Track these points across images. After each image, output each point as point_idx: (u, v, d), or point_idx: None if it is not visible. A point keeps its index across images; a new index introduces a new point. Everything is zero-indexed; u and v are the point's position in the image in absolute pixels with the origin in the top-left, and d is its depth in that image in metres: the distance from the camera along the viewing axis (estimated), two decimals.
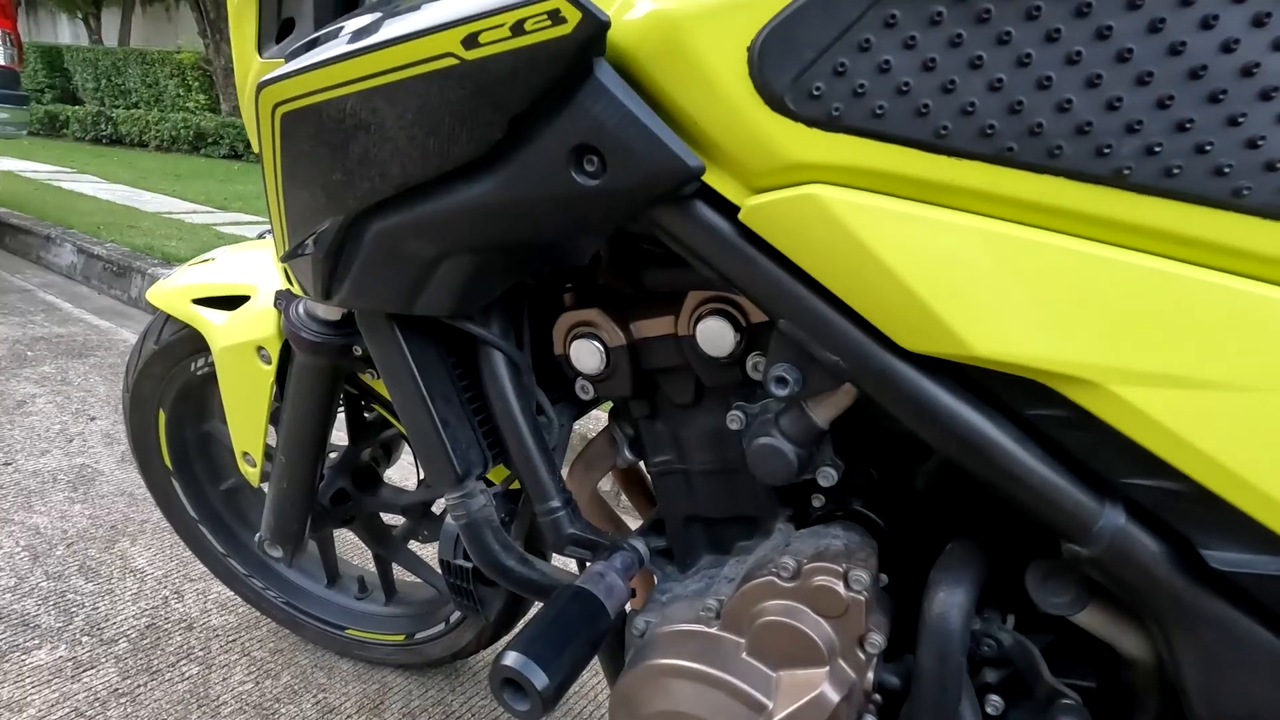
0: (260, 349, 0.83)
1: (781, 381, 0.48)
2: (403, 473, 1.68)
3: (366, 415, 1.04)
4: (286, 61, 0.52)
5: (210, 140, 7.87)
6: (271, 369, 0.84)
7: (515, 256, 0.54)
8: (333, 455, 1.06)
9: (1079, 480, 0.43)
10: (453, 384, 0.67)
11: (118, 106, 9.33)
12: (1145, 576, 0.42)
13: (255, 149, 0.59)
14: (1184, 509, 0.40)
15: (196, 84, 9.10)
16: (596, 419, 1.76)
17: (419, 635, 1.12)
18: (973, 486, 0.59)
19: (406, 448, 1.11)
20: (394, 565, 1.15)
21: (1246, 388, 0.36)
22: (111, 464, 1.73)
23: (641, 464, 0.72)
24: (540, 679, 0.54)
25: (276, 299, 0.79)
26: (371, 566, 1.18)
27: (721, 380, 0.58)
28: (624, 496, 1.46)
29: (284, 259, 0.63)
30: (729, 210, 0.44)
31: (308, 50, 0.55)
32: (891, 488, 0.62)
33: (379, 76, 0.45)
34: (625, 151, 0.42)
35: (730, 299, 0.55)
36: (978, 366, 0.42)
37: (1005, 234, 0.38)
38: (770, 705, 0.53)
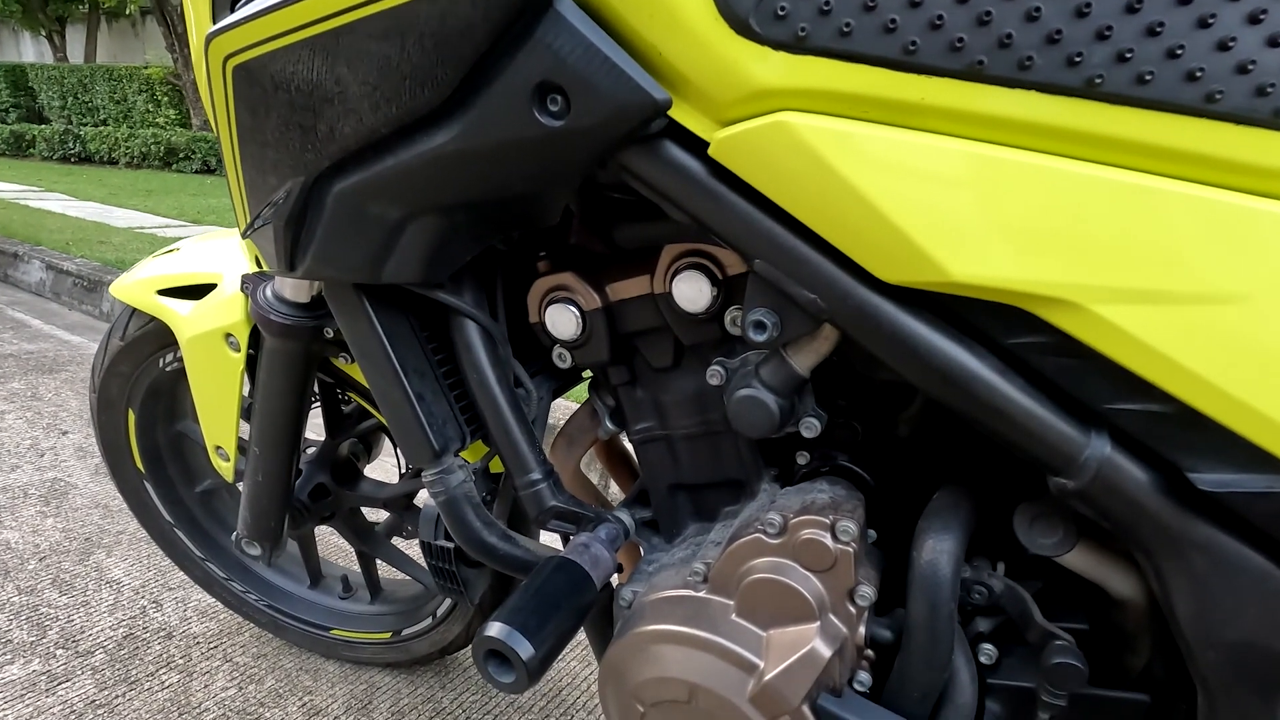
0: (228, 336, 0.81)
1: (760, 326, 0.46)
2: (387, 474, 1.65)
3: (344, 407, 1.02)
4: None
5: (182, 155, 7.76)
6: (241, 356, 0.81)
7: (483, 216, 0.53)
8: (310, 450, 1.03)
9: (1063, 411, 0.42)
10: (426, 357, 0.65)
11: (85, 124, 9.18)
12: (1133, 507, 0.42)
13: (210, 115, 0.58)
14: (1170, 432, 0.40)
15: (166, 99, 8.97)
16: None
17: (406, 632, 1.09)
18: (957, 431, 0.59)
19: (388, 442, 1.09)
20: (378, 562, 1.12)
21: (1228, 299, 0.36)
22: (85, 477, 1.68)
23: (624, 437, 0.71)
24: (525, 649, 0.52)
25: (243, 282, 0.77)
26: (355, 566, 1.16)
27: (700, 338, 0.57)
28: (613, 485, 1.45)
29: (246, 233, 0.61)
30: (698, 148, 0.43)
31: None
32: (876, 440, 0.61)
33: (333, 19, 0.43)
34: (589, 87, 0.40)
35: (706, 251, 0.54)
36: (956, 296, 0.41)
37: (979, 154, 0.37)
38: (761, 664, 0.52)
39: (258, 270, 0.79)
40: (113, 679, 1.11)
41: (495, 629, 0.53)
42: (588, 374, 0.71)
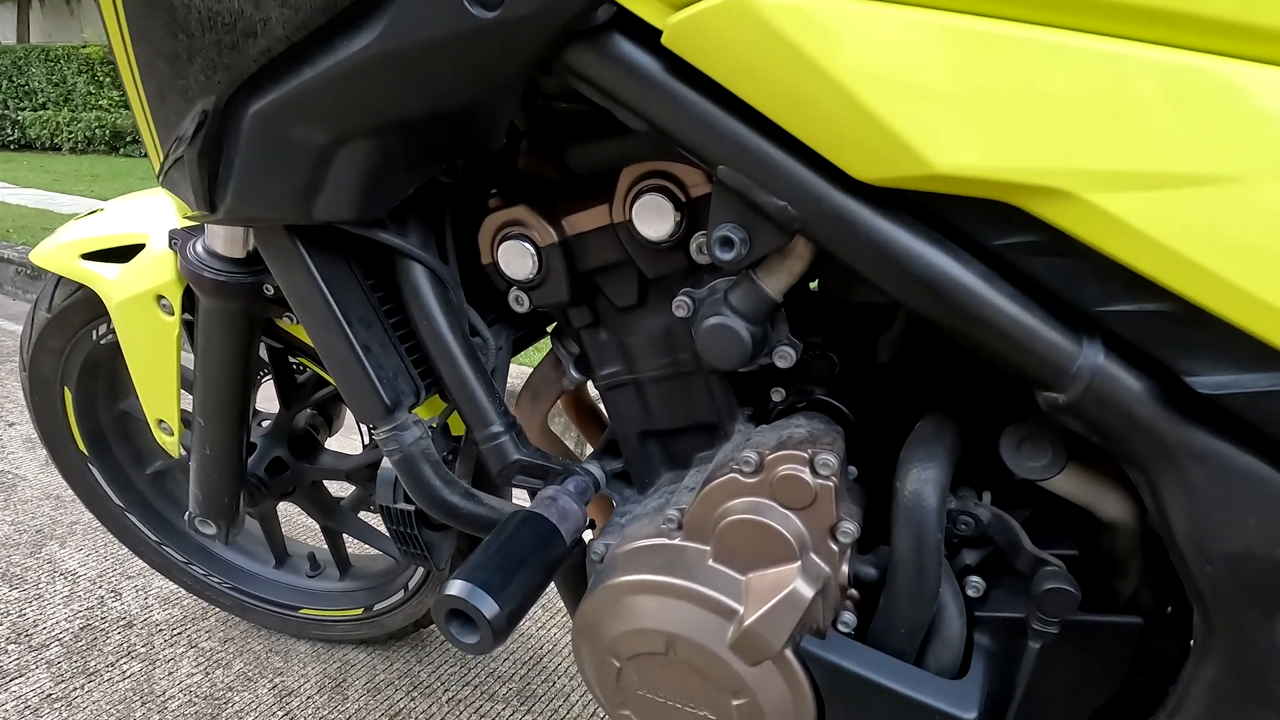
0: (160, 298, 0.75)
1: (726, 243, 0.43)
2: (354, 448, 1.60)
3: (298, 376, 0.96)
4: None
5: (129, 139, 7.42)
6: (175, 320, 0.75)
7: (419, 139, 0.48)
8: (265, 423, 0.98)
9: (1053, 318, 0.39)
10: (372, 306, 0.61)
11: (23, 109, 8.72)
12: (1126, 418, 0.39)
13: (108, 44, 0.51)
14: (1167, 332, 0.37)
15: (109, 79, 8.54)
16: None
17: (378, 607, 1.05)
18: (939, 354, 0.56)
19: (350, 414, 1.04)
20: (346, 537, 1.08)
21: (1232, 179, 0.33)
22: (34, 469, 1.60)
23: (592, 388, 0.67)
24: (489, 607, 0.49)
25: (171, 238, 0.71)
26: (323, 543, 1.11)
27: (665, 269, 0.53)
28: (589, 449, 1.41)
29: (160, 176, 0.55)
30: (651, 40, 0.38)
31: None
32: (855, 372, 0.58)
33: None
34: None
35: (667, 172, 0.50)
36: (938, 196, 0.37)
37: (959, 27, 0.34)
38: (741, 609, 0.49)
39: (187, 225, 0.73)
40: (70, 671, 1.05)
41: (456, 587, 0.49)
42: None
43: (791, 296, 0.50)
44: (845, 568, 0.50)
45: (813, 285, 0.62)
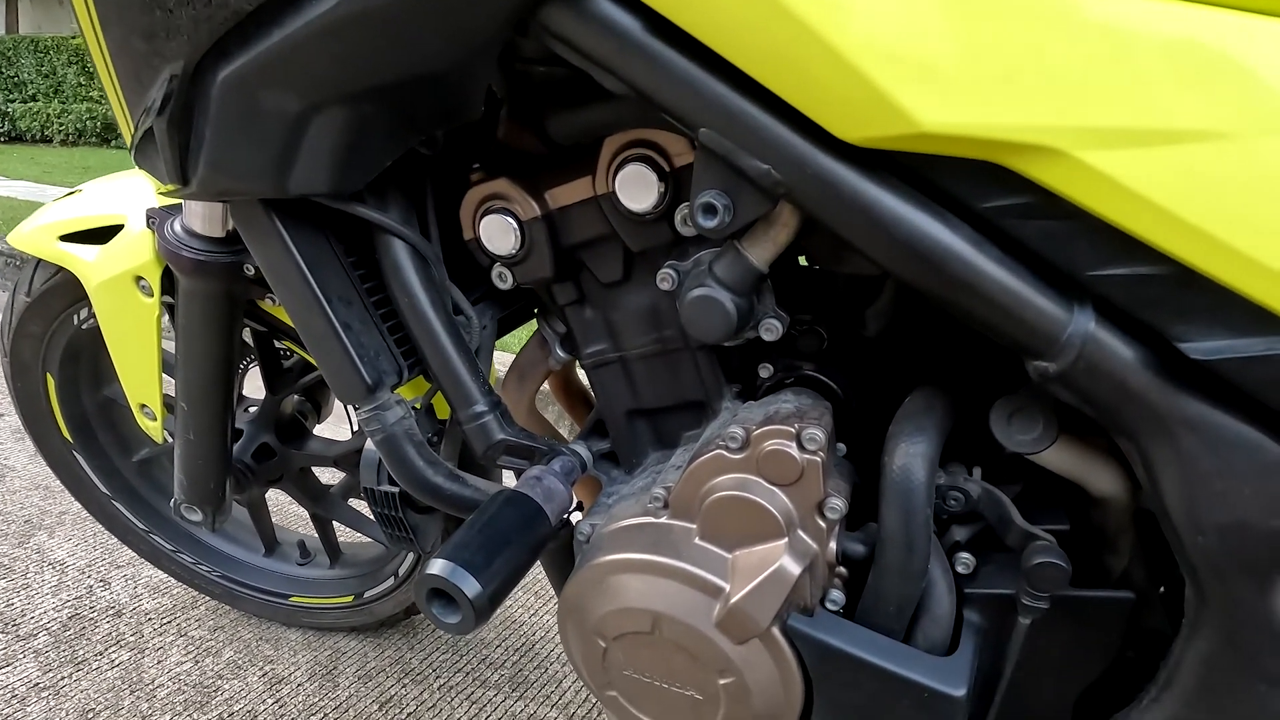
0: (139, 279, 0.74)
1: (709, 210, 0.41)
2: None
3: (285, 361, 0.95)
4: None
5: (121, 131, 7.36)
6: (155, 301, 0.74)
7: (395, 107, 0.47)
8: (252, 410, 0.97)
9: (1044, 284, 0.38)
10: (352, 284, 0.59)
11: (13, 101, 8.64)
12: (1118, 388, 0.38)
13: (73, 13, 0.50)
14: (1161, 296, 0.36)
15: None
16: None
17: (368, 594, 1.05)
18: (928, 326, 0.55)
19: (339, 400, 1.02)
20: (335, 525, 1.07)
21: (1227, 135, 0.32)
22: (23, 459, 1.59)
23: (579, 367, 0.66)
24: (471, 587, 0.48)
25: (148, 217, 0.69)
26: (312, 530, 1.10)
27: (649, 241, 0.52)
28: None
29: (133, 150, 0.54)
30: None
31: None
32: (843, 347, 0.57)
33: None
34: None
35: (650, 141, 0.48)
36: (926, 157, 0.36)
37: None
38: (727, 587, 0.48)
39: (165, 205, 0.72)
40: (58, 660, 1.05)
41: (438, 566, 0.48)
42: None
43: (778, 271, 0.49)
44: (833, 545, 0.49)
45: (801, 261, 0.61)
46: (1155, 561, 0.51)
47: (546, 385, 0.77)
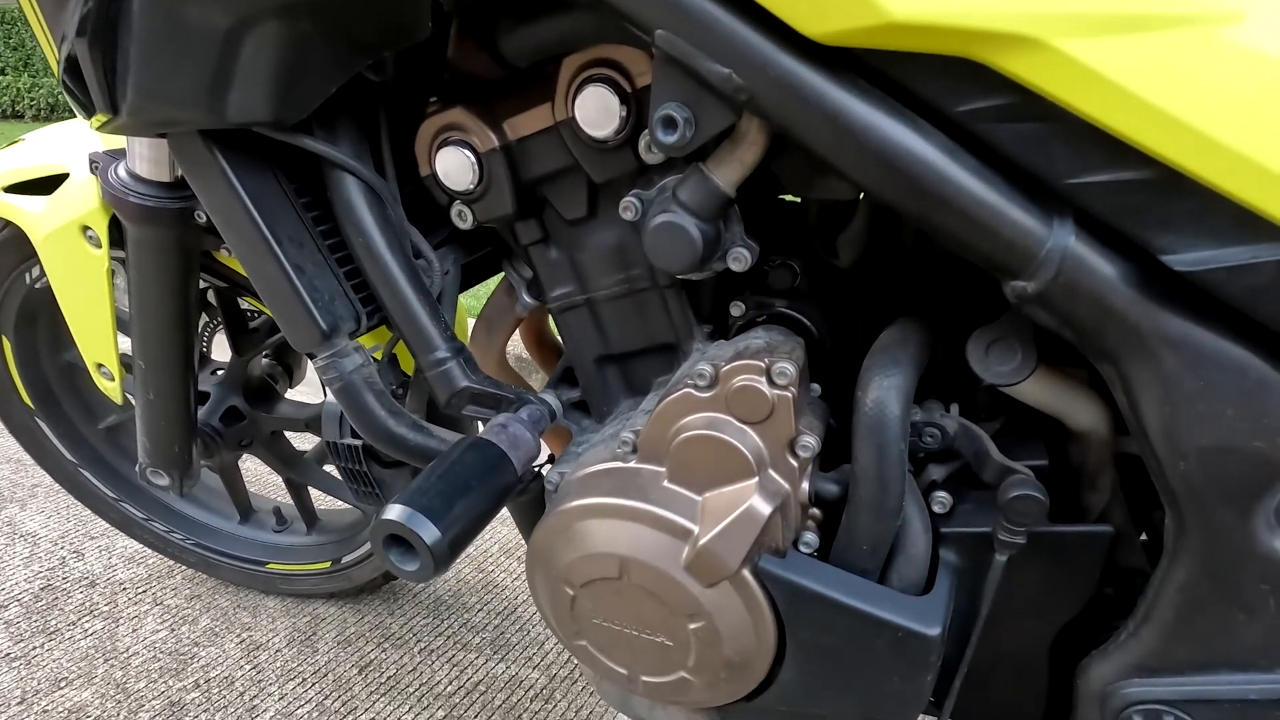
0: (86, 229, 0.70)
1: (669, 124, 0.39)
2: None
3: (250, 321, 0.92)
4: None
5: None
6: (103, 253, 0.71)
7: (335, 25, 0.43)
8: (219, 372, 0.94)
9: (1022, 196, 0.36)
10: (304, 224, 0.56)
11: None
12: (1098, 306, 0.36)
13: None
14: (1144, 203, 0.34)
15: None
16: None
17: (346, 559, 1.03)
18: (903, 256, 0.53)
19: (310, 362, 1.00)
20: (312, 491, 1.05)
21: (1208, 19, 0.30)
22: None
23: (548, 313, 0.64)
24: (429, 532, 0.46)
25: (91, 163, 0.66)
26: (289, 497, 1.08)
27: (613, 171, 0.50)
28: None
29: (59, 79, 0.50)
30: None
31: None
32: (816, 281, 0.55)
33: None
34: None
35: (611, 60, 0.46)
36: (897, 57, 0.34)
37: None
38: (696, 529, 0.47)
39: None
40: (29, 630, 1.03)
41: (395, 511, 0.46)
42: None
43: (749, 205, 0.46)
44: (806, 485, 0.47)
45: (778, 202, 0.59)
46: (1136, 500, 0.49)
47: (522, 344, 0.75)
